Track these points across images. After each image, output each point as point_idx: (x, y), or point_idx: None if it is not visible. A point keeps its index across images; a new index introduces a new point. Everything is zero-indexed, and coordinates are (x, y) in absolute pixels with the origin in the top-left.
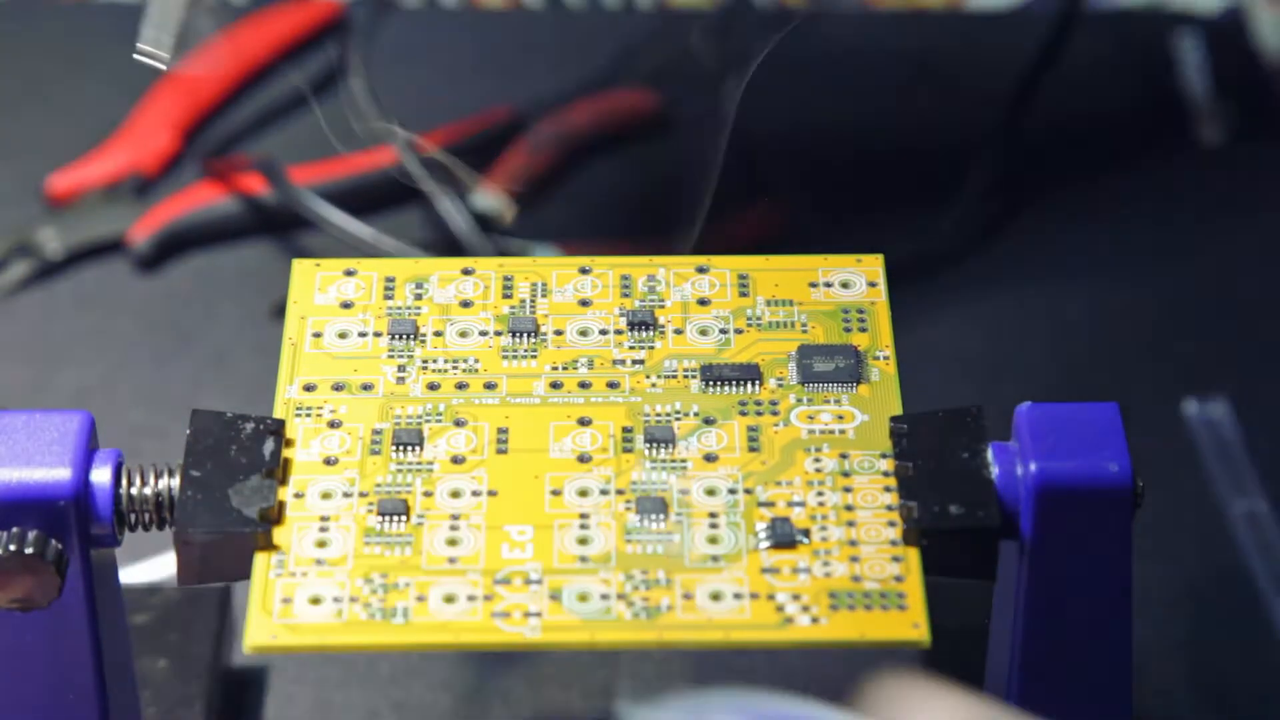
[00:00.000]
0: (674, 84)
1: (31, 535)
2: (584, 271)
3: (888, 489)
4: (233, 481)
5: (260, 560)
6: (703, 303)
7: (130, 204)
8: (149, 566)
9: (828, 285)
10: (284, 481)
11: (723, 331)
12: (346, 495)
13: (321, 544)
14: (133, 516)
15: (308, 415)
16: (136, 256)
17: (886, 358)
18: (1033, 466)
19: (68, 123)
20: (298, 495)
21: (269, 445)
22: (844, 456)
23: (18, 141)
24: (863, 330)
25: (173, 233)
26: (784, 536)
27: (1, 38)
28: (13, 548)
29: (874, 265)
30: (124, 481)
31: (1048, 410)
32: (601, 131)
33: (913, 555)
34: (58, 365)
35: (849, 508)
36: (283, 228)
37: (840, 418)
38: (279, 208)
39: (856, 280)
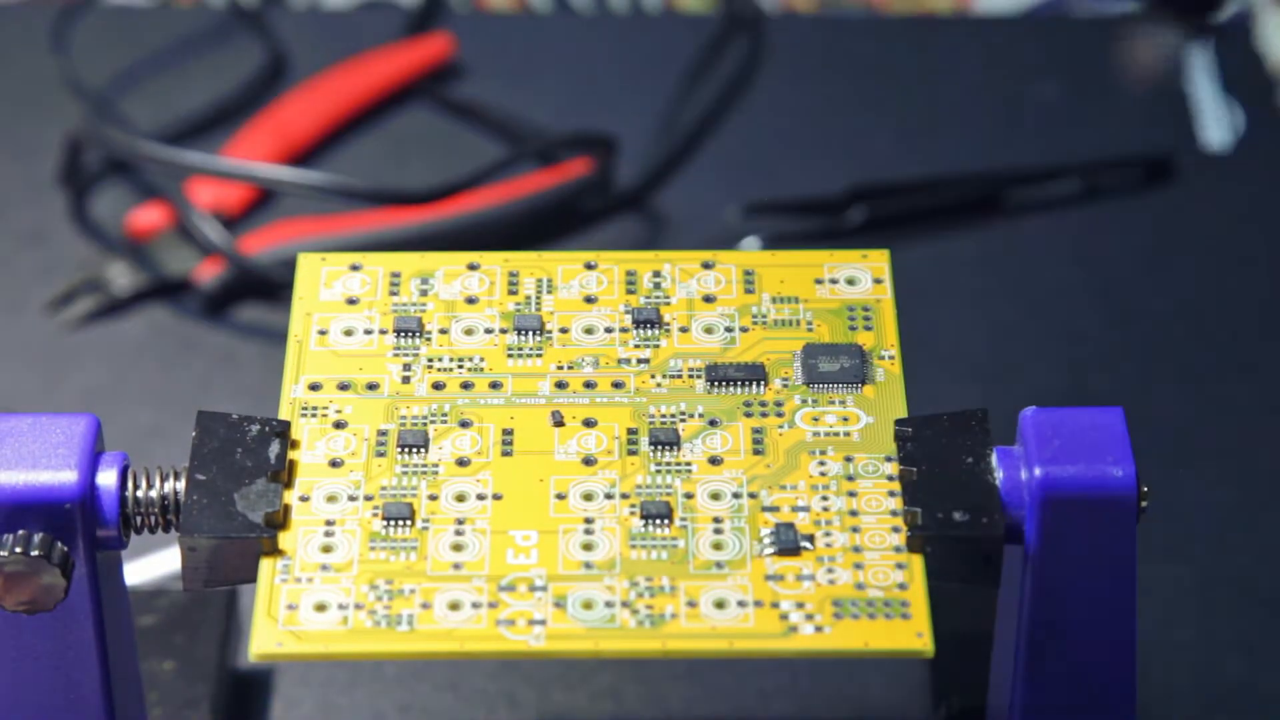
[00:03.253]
0: None
1: (38, 538)
2: (590, 267)
3: (892, 493)
4: (238, 485)
5: (266, 565)
6: (708, 299)
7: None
8: (155, 561)
9: (833, 282)
10: (289, 485)
11: (728, 330)
12: (352, 499)
13: (327, 549)
14: (138, 519)
15: (313, 415)
16: (205, 296)
17: (892, 357)
18: (1037, 471)
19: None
20: (303, 499)
21: (274, 448)
22: (848, 460)
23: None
24: (868, 328)
25: (239, 274)
26: (788, 543)
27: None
28: (19, 550)
29: (880, 261)
30: (130, 484)
31: (1052, 415)
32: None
33: (916, 562)
34: (66, 367)
35: (853, 513)
36: None
37: (845, 420)
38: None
39: (862, 277)
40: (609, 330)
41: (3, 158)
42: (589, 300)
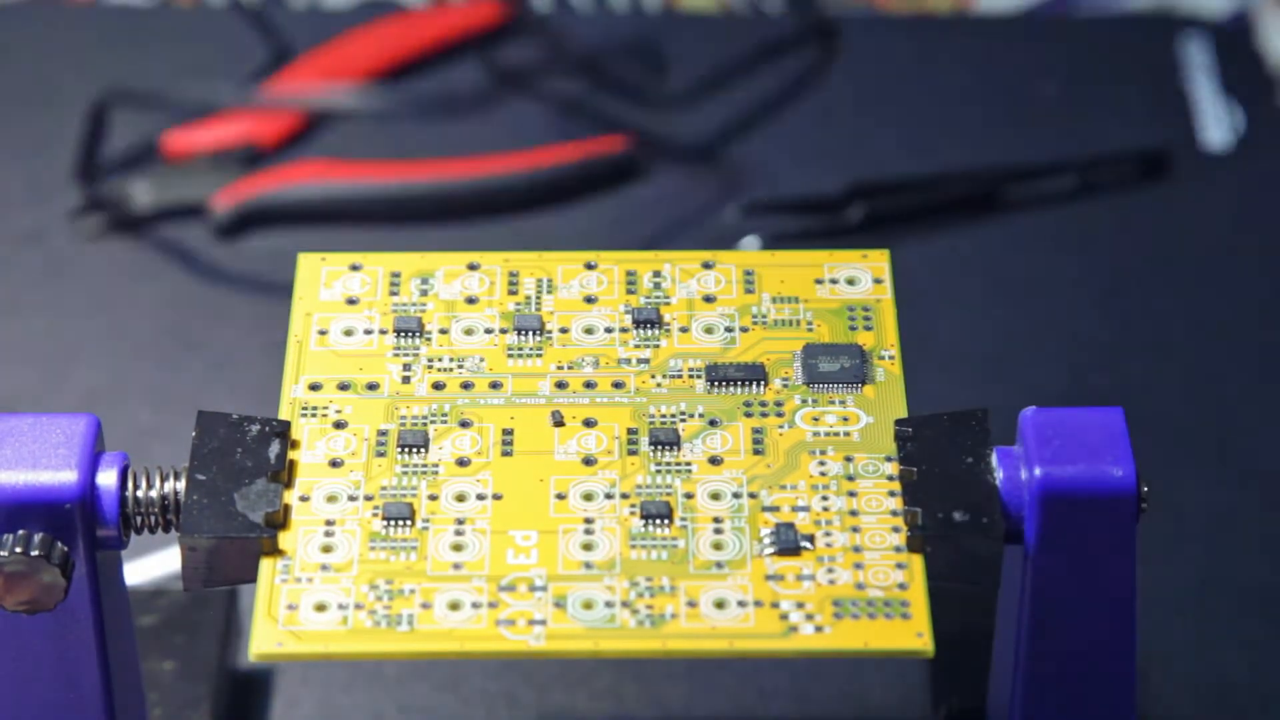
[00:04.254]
0: None
1: (38, 538)
2: (590, 267)
3: (892, 493)
4: (238, 485)
5: (266, 566)
6: (708, 299)
7: (233, 172)
8: (155, 561)
9: (833, 281)
10: (289, 485)
11: (728, 330)
12: (351, 499)
13: (327, 549)
14: (139, 519)
15: (313, 415)
16: (216, 224)
17: (892, 357)
18: (1037, 471)
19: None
20: (303, 499)
21: (274, 448)
22: (849, 460)
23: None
24: (868, 328)
25: (255, 206)
26: (788, 543)
27: None
28: (19, 550)
29: (880, 261)
30: (130, 484)
31: (1052, 415)
32: None
33: (916, 562)
34: (67, 366)
35: (853, 513)
36: (362, 217)
37: (845, 419)
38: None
39: (862, 276)
40: (609, 330)
41: (3, 158)
42: (589, 300)
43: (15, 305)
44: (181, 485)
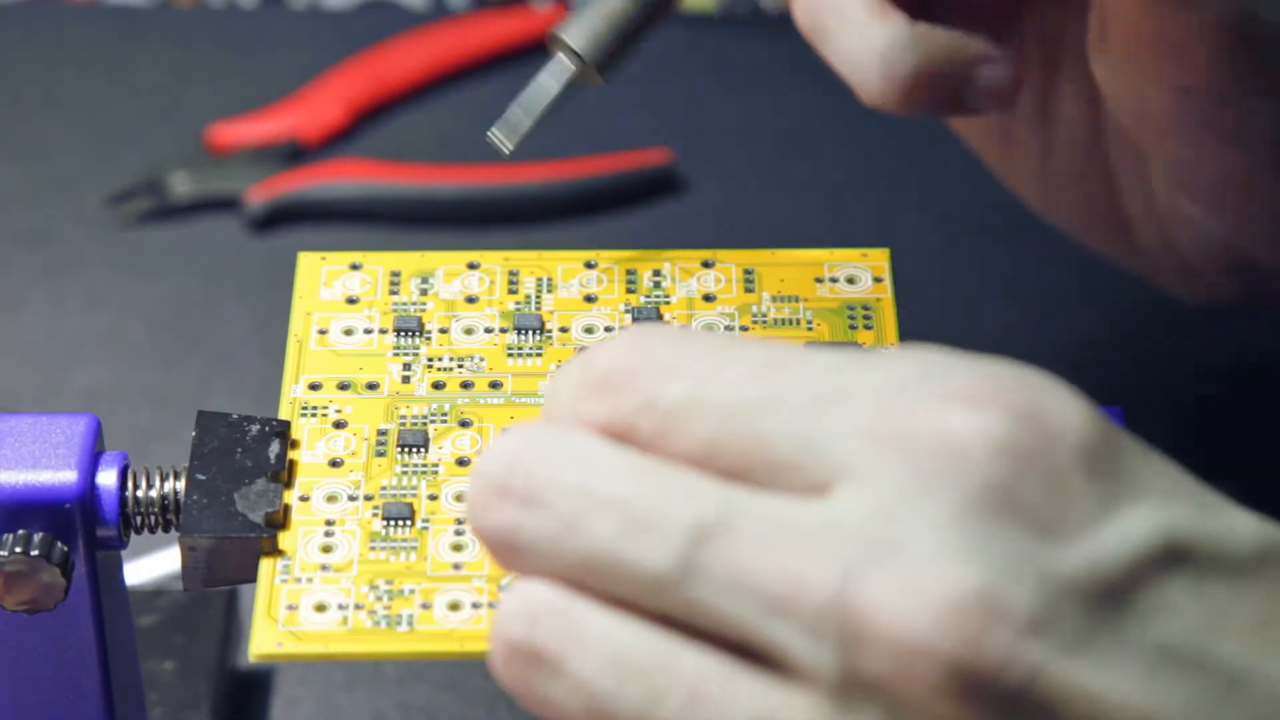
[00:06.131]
0: None
1: (38, 538)
2: (590, 266)
3: None
4: (238, 485)
5: (266, 566)
6: (708, 299)
7: (273, 167)
8: (155, 561)
9: (834, 280)
10: (289, 484)
11: (728, 328)
12: (352, 499)
13: (327, 549)
14: (138, 519)
15: (313, 415)
16: (249, 217)
17: None
18: None
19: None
20: (303, 498)
21: (274, 448)
22: None
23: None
24: (868, 328)
25: (289, 202)
26: None
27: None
28: (19, 550)
29: (880, 260)
30: (130, 484)
31: None
32: None
33: None
34: (67, 366)
35: None
36: (396, 218)
37: None
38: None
39: (862, 275)
40: (609, 329)
41: (3, 158)
42: (589, 299)
43: (16, 304)
44: (181, 485)
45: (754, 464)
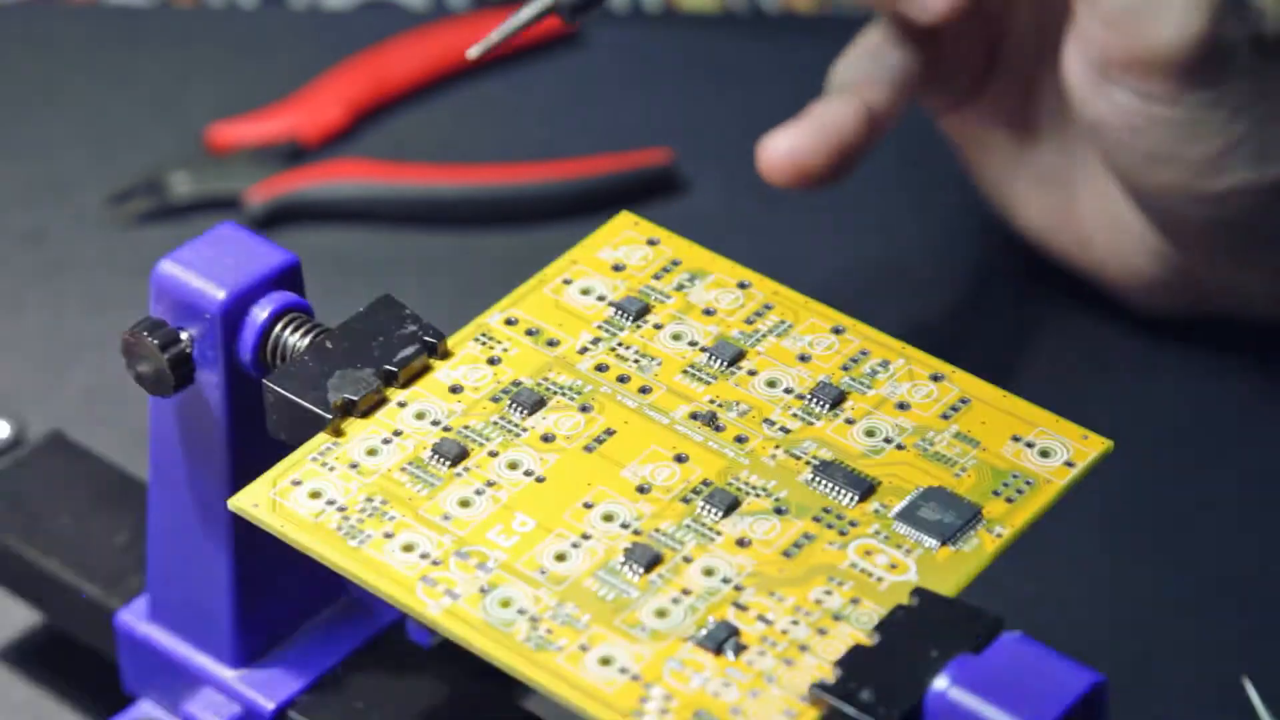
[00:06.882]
0: None
1: (162, 330)
2: (837, 332)
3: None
4: (352, 364)
5: (314, 441)
6: (902, 406)
7: (273, 167)
8: None
9: (1029, 445)
10: (402, 385)
11: (887, 440)
12: (435, 423)
13: (372, 451)
14: (269, 354)
15: (483, 343)
16: (249, 217)
17: (1000, 535)
18: (951, 693)
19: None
20: (401, 404)
21: (408, 350)
22: (854, 602)
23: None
24: (1010, 500)
25: (289, 202)
26: (714, 640)
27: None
28: (144, 332)
29: (1091, 449)
30: (281, 324)
31: (1028, 649)
32: None
33: (809, 716)
34: (67, 366)
35: (803, 648)
36: (396, 218)
37: (893, 567)
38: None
39: (1058, 452)
40: (789, 391)
41: (2, 158)
42: (803, 359)
43: (16, 304)
44: (308, 342)
45: None
